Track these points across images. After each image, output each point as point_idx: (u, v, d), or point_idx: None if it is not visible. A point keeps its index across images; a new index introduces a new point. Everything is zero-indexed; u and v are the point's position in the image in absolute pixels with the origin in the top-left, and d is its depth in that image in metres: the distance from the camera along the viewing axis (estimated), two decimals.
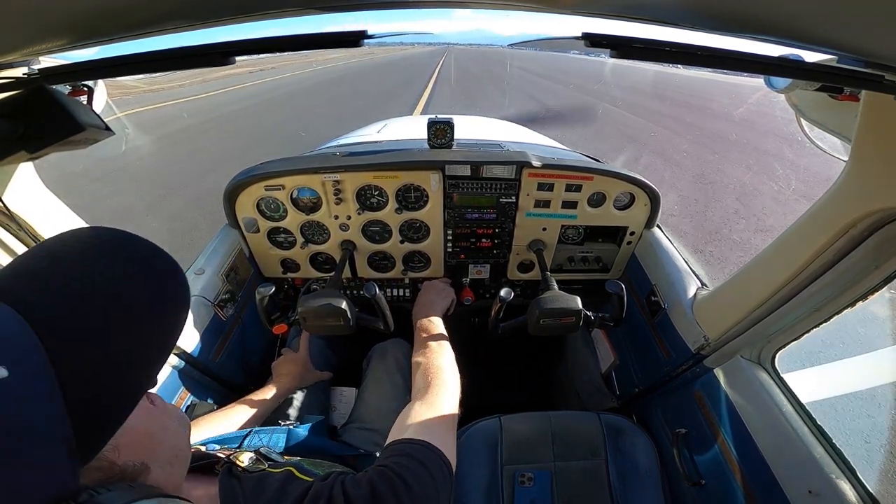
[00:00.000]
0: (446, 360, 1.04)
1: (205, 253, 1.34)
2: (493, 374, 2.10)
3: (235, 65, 0.51)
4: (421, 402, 0.85)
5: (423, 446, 0.67)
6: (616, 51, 0.44)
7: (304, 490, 0.55)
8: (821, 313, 0.86)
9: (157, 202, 4.87)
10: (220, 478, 0.57)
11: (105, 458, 0.35)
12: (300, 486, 0.56)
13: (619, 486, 1.16)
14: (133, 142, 7.37)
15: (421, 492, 0.57)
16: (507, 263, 1.61)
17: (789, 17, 0.37)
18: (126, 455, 0.37)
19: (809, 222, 0.81)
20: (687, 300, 1.20)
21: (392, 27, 2.57)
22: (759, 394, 0.96)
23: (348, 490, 0.55)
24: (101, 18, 0.42)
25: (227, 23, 0.48)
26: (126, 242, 0.37)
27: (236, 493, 0.55)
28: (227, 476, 0.58)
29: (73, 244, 0.34)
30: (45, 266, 0.32)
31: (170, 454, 0.44)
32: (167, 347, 0.37)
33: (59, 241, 0.35)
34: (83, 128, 0.55)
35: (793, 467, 0.86)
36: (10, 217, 0.79)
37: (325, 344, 1.46)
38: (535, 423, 1.27)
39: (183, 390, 1.14)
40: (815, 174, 6.50)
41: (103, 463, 0.35)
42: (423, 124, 1.38)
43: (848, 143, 0.71)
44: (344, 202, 1.39)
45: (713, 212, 4.95)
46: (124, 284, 0.34)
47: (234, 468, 0.60)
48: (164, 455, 0.43)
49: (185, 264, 1.29)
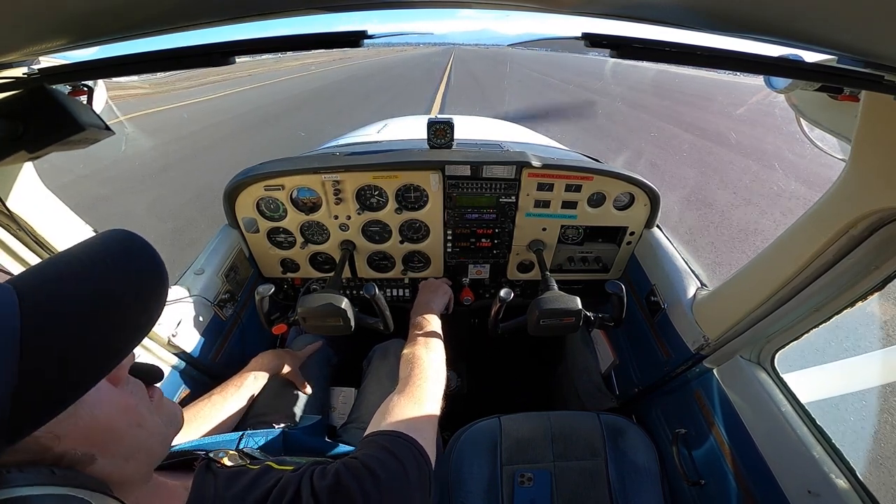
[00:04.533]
0: (433, 354, 1.03)
1: (204, 253, 1.34)
2: (493, 374, 2.10)
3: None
4: (400, 394, 0.84)
5: (397, 437, 0.66)
6: (616, 51, 0.45)
7: (275, 481, 0.54)
8: (821, 313, 0.86)
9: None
10: (195, 472, 0.57)
11: (38, 443, 0.35)
12: (273, 476, 0.55)
13: (619, 485, 1.16)
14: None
15: (389, 482, 0.56)
16: (506, 263, 1.61)
17: (789, 17, 0.37)
18: (71, 443, 0.37)
19: (809, 222, 0.81)
20: (687, 300, 1.20)
21: (392, 27, 2.56)
22: (758, 394, 0.96)
23: (315, 481, 0.54)
24: (101, 18, 0.42)
25: (227, 23, 0.48)
26: (129, 244, 0.38)
27: (208, 486, 0.54)
28: (204, 471, 0.57)
29: (90, 244, 0.37)
30: (57, 261, 0.35)
31: (129, 450, 0.43)
32: (129, 342, 0.37)
33: (84, 243, 0.37)
34: (83, 128, 0.55)
35: (792, 467, 0.86)
36: (10, 217, 0.79)
37: (326, 344, 1.46)
38: (535, 423, 1.27)
39: (183, 390, 1.14)
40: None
41: (35, 446, 0.35)
42: (423, 124, 1.38)
43: (848, 143, 0.71)
44: (344, 202, 1.39)
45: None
46: (108, 281, 0.35)
47: (212, 464, 0.60)
48: (122, 450, 0.42)
49: (184, 264, 1.31)
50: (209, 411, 1.00)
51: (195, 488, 0.53)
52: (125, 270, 0.37)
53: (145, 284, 0.38)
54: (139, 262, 0.39)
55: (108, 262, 0.36)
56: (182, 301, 1.17)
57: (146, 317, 0.38)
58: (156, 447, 0.48)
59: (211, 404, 1.01)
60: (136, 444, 0.44)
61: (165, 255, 0.38)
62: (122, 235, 0.39)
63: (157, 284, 0.39)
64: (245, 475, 0.56)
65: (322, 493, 0.52)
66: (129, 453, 0.43)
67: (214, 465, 0.60)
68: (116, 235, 0.39)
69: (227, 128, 9.26)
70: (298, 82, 19.38)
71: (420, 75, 22.39)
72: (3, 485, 0.30)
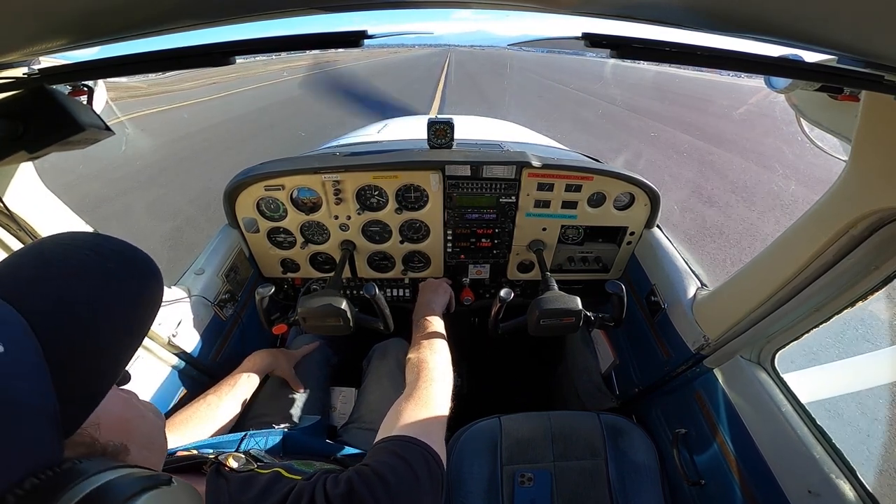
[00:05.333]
0: (438, 356, 1.03)
1: (205, 253, 1.34)
2: (493, 374, 2.10)
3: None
4: (409, 399, 0.85)
5: (408, 442, 0.67)
6: (616, 51, 0.45)
7: (288, 489, 0.55)
8: (821, 313, 0.86)
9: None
10: (207, 477, 0.58)
11: (87, 434, 0.37)
12: (286, 485, 0.56)
13: (619, 486, 1.16)
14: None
15: (400, 489, 0.57)
16: (506, 263, 1.61)
17: (789, 17, 0.37)
18: (107, 434, 0.40)
19: (809, 222, 0.81)
20: (687, 300, 1.20)
21: (392, 28, 2.57)
22: (758, 394, 0.96)
23: (328, 489, 0.54)
24: (101, 18, 0.42)
25: (227, 23, 0.48)
26: (104, 241, 0.40)
27: (222, 492, 0.55)
28: (215, 475, 0.58)
29: (60, 243, 0.39)
30: (34, 262, 0.36)
31: (146, 439, 0.46)
32: (142, 332, 0.40)
33: (49, 241, 0.39)
34: (83, 128, 0.55)
35: (792, 467, 0.86)
36: (10, 217, 0.79)
37: (326, 344, 1.46)
38: (535, 423, 1.27)
39: (182, 390, 1.14)
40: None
41: (86, 438, 0.37)
42: (423, 124, 1.38)
43: (848, 143, 0.71)
44: (344, 202, 1.39)
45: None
46: (107, 279, 0.37)
47: (221, 468, 0.61)
48: (141, 440, 0.45)
49: (184, 264, 1.31)
50: (206, 412, 1.00)
51: (210, 493, 0.55)
52: (114, 271, 0.39)
53: (139, 268, 0.41)
54: (150, 293, 0.41)
55: (97, 259, 0.38)
56: (182, 301, 1.17)
57: (150, 299, 0.41)
58: (160, 437, 0.51)
59: (207, 405, 1.01)
60: (147, 434, 0.47)
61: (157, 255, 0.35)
62: (121, 248, 0.41)
63: (151, 270, 0.42)
64: (256, 480, 0.57)
65: (336, 501, 0.53)
66: (146, 444, 0.46)
67: (223, 468, 0.61)
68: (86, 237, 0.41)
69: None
70: (245, 100, 13.52)
71: (408, 86, 17.31)
72: (82, 475, 0.30)
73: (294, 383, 1.23)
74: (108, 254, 0.39)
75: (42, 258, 0.36)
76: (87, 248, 0.38)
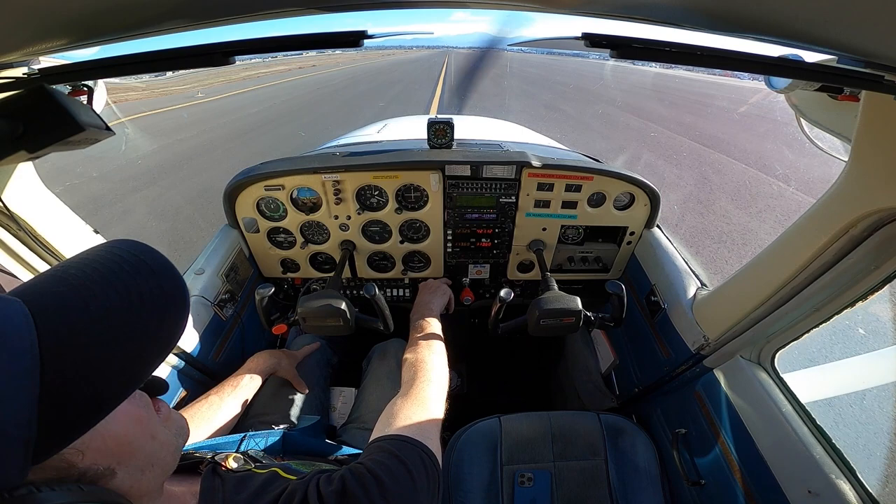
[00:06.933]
0: (433, 356, 1.03)
1: (204, 253, 1.34)
2: (493, 374, 2.10)
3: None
4: (405, 398, 0.85)
5: (403, 441, 0.67)
6: (616, 51, 0.45)
7: (282, 488, 0.55)
8: (821, 313, 0.86)
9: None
10: (202, 477, 0.57)
11: (64, 460, 0.35)
12: (281, 484, 0.56)
13: (619, 486, 1.16)
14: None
15: (394, 488, 0.57)
16: (506, 263, 1.61)
17: (789, 17, 0.37)
18: (92, 458, 0.37)
19: (809, 222, 0.81)
20: (687, 300, 1.20)
21: (392, 28, 2.57)
22: (758, 394, 0.96)
23: (321, 487, 0.54)
24: (100, 18, 0.42)
25: (227, 23, 0.48)
26: (145, 256, 0.38)
27: (216, 491, 0.55)
28: (211, 475, 0.58)
29: (96, 257, 0.36)
30: (72, 275, 0.34)
31: (145, 461, 0.44)
32: (150, 367, 0.38)
33: (91, 253, 0.36)
34: (83, 128, 0.55)
35: (792, 467, 0.86)
36: (10, 217, 0.79)
37: (326, 344, 1.46)
38: (535, 423, 1.27)
39: (182, 390, 1.14)
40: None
41: (61, 463, 0.35)
42: (423, 124, 1.38)
43: (848, 143, 0.71)
44: (344, 202, 1.39)
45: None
46: (131, 304, 0.35)
47: (217, 468, 0.60)
48: (139, 462, 0.43)
49: (184, 264, 1.31)
50: (207, 412, 1.00)
51: (204, 493, 0.54)
52: (151, 297, 0.36)
53: (169, 307, 0.38)
54: (162, 282, 0.38)
55: (132, 285, 0.35)
56: None
57: (169, 336, 0.38)
58: (168, 459, 0.49)
59: (209, 405, 1.01)
60: (151, 456, 0.45)
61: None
62: (141, 250, 0.38)
63: (181, 306, 0.39)
64: (252, 480, 0.57)
65: (329, 498, 0.53)
66: (144, 465, 0.44)
67: (220, 468, 0.61)
68: (132, 249, 0.38)
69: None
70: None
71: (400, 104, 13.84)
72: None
73: (297, 384, 1.23)
74: (138, 298, 0.36)
75: (78, 271, 0.34)
76: (121, 286, 0.35)
